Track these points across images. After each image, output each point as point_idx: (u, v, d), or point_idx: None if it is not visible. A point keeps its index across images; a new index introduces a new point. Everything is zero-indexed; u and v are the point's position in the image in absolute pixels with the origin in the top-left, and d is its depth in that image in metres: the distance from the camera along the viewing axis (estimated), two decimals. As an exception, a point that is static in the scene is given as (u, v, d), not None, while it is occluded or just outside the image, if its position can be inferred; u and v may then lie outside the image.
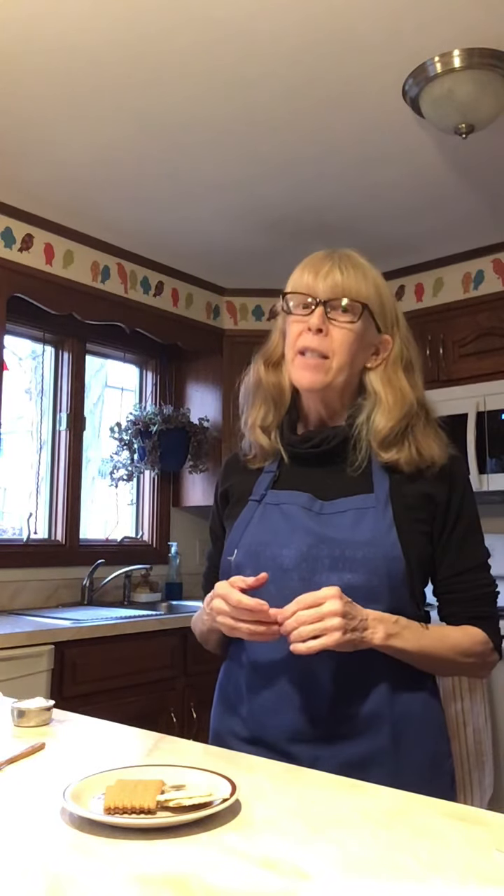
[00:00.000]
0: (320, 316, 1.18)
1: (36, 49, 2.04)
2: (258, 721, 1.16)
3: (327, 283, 1.18)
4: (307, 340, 1.19)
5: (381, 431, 1.18)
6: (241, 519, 1.23)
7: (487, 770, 1.75)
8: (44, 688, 2.41)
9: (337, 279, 1.18)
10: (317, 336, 1.18)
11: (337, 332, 1.18)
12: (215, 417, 3.75)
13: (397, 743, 1.12)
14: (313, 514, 1.18)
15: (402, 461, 1.18)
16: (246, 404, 1.31)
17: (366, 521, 1.14)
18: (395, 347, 1.23)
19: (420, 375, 1.26)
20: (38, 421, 3.43)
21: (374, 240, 3.24)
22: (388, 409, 1.19)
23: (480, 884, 0.67)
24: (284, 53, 2.05)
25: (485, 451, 3.06)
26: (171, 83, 2.19)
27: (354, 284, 1.19)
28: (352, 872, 0.68)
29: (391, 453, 1.18)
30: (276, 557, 1.16)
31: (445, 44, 2.03)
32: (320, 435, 1.22)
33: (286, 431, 1.25)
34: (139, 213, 3.05)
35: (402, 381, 1.22)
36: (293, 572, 1.14)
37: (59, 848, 0.74)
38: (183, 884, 0.66)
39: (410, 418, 1.20)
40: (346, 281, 1.18)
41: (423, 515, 1.18)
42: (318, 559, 1.13)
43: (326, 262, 1.20)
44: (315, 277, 1.19)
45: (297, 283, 1.21)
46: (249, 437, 1.29)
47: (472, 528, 1.21)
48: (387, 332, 1.23)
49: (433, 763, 1.16)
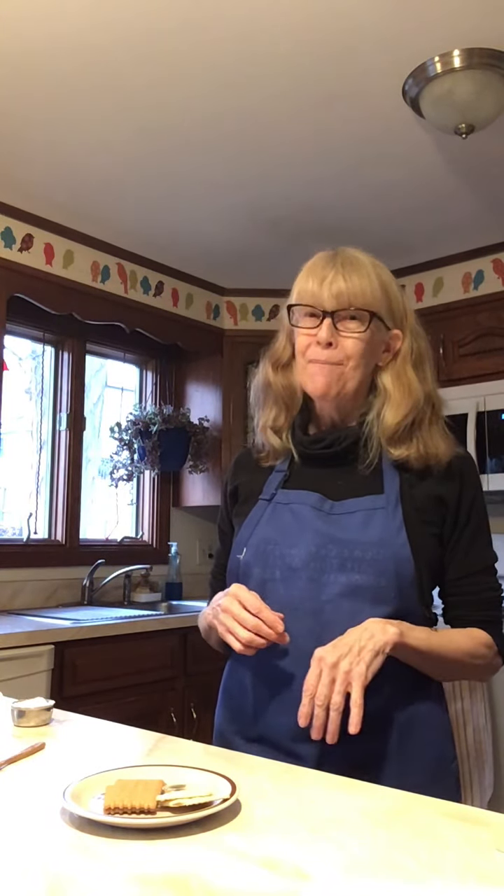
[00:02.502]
0: (329, 329, 1.16)
1: (36, 49, 2.04)
2: (263, 720, 1.15)
3: (332, 292, 1.16)
4: (317, 354, 1.18)
5: (390, 427, 1.18)
6: (250, 517, 1.23)
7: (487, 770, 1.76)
8: (44, 688, 2.41)
9: (342, 287, 1.16)
10: (326, 349, 1.17)
11: (347, 342, 1.17)
12: (215, 417, 3.75)
13: (403, 744, 1.12)
14: (323, 514, 1.17)
15: (412, 458, 1.18)
16: (257, 405, 1.31)
17: (375, 521, 1.14)
18: (404, 342, 1.23)
19: (431, 368, 1.25)
20: (38, 421, 3.43)
21: (374, 240, 3.24)
22: (397, 405, 1.19)
23: (480, 884, 0.67)
24: (284, 53, 2.05)
25: (485, 451, 3.06)
26: (171, 83, 2.19)
27: (360, 291, 1.17)
28: (352, 872, 0.68)
29: (401, 450, 1.18)
30: (284, 557, 1.16)
31: (445, 44, 2.03)
32: (332, 436, 1.22)
33: (297, 432, 1.25)
34: (139, 213, 3.05)
35: (411, 376, 1.21)
36: (301, 572, 1.14)
37: (59, 848, 0.74)
38: (183, 884, 0.66)
39: (417, 413, 1.20)
40: (352, 288, 1.16)
41: (433, 517, 1.18)
42: (326, 559, 1.13)
43: (329, 268, 1.18)
44: (320, 286, 1.17)
45: (303, 292, 1.19)
46: (261, 438, 1.29)
47: (482, 531, 1.21)
48: (396, 327, 1.22)
49: (438, 765, 1.16)
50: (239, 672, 1.22)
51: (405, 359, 1.22)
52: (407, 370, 1.22)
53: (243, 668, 1.21)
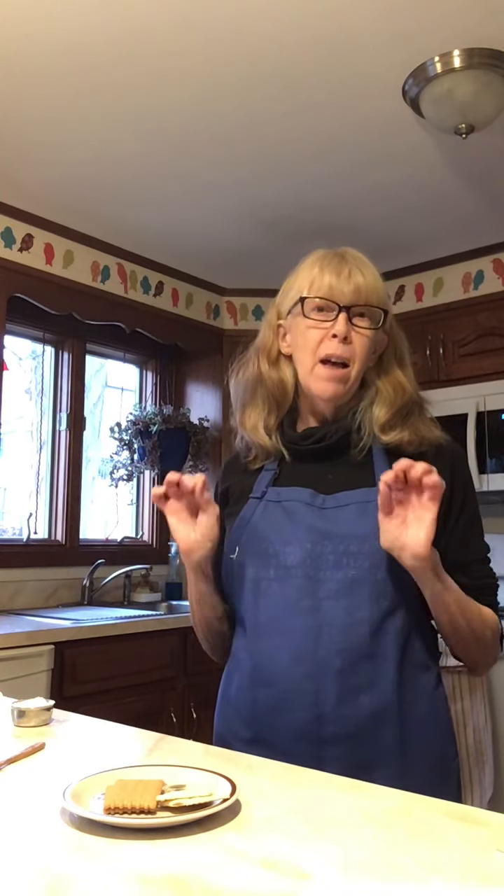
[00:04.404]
0: (345, 322, 1.15)
1: (36, 49, 2.04)
2: (262, 722, 1.15)
3: (350, 286, 1.15)
4: (333, 348, 1.16)
5: (382, 418, 1.19)
6: (241, 516, 1.23)
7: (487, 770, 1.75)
8: (44, 688, 2.41)
9: (359, 282, 1.16)
10: (342, 344, 1.16)
11: (357, 339, 1.17)
12: (215, 417, 3.75)
13: (404, 744, 1.11)
14: (315, 508, 1.17)
15: (405, 441, 1.18)
16: (241, 401, 1.29)
17: (368, 514, 1.13)
18: (390, 343, 1.24)
19: (411, 369, 1.27)
20: (38, 421, 3.43)
21: (374, 240, 3.24)
22: (389, 399, 1.20)
23: (481, 884, 0.67)
24: (284, 53, 2.05)
25: (485, 451, 3.06)
26: (171, 83, 2.19)
27: (374, 288, 1.17)
28: (352, 872, 0.68)
29: (392, 434, 1.19)
30: (278, 555, 1.15)
31: (445, 44, 2.03)
32: (321, 431, 1.22)
33: (287, 429, 1.25)
34: (139, 213, 3.05)
35: (400, 375, 1.23)
36: (297, 569, 1.14)
37: (59, 848, 0.73)
38: (183, 884, 0.66)
39: (410, 407, 1.21)
40: (368, 284, 1.16)
41: None
42: (322, 556, 1.13)
43: (344, 263, 1.18)
44: (337, 279, 1.16)
45: (319, 285, 1.17)
46: (251, 438, 1.27)
47: (475, 521, 1.21)
48: (384, 330, 1.23)
49: (439, 765, 1.15)
50: (236, 673, 1.22)
51: (390, 359, 1.24)
52: (394, 369, 1.23)
53: (241, 669, 1.20)
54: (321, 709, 1.10)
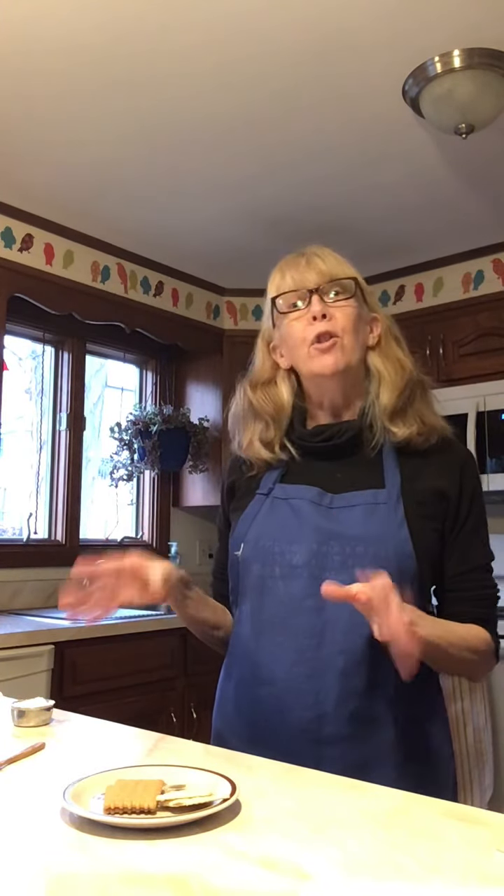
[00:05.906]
0: (320, 302, 1.19)
1: (36, 49, 2.04)
2: (261, 721, 1.15)
3: (312, 272, 1.21)
4: (317, 328, 1.19)
5: (388, 404, 1.20)
6: (247, 512, 1.22)
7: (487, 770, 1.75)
8: (44, 688, 2.41)
9: (320, 265, 1.21)
10: (323, 321, 1.19)
11: (338, 312, 1.20)
12: (215, 417, 3.75)
13: (402, 745, 1.11)
14: (322, 508, 1.17)
15: (414, 436, 1.19)
16: (237, 429, 1.30)
17: (376, 516, 1.14)
18: (383, 323, 1.26)
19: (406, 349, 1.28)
20: (38, 421, 3.43)
21: (375, 240, 3.24)
22: (392, 382, 1.21)
23: (481, 884, 0.67)
24: (284, 53, 2.05)
25: (485, 451, 3.06)
26: (171, 83, 2.19)
27: (337, 266, 1.22)
28: (352, 872, 0.68)
29: (402, 428, 1.19)
30: (284, 554, 1.15)
31: (445, 44, 2.03)
32: (331, 429, 1.22)
33: (297, 425, 1.25)
34: (139, 213, 3.05)
35: (399, 353, 1.25)
36: (302, 569, 1.13)
37: (59, 848, 0.73)
38: (183, 884, 0.66)
39: (413, 387, 1.22)
40: (329, 264, 1.22)
41: (435, 512, 1.17)
42: (327, 556, 1.13)
43: (301, 257, 1.24)
44: (298, 271, 1.22)
45: (282, 283, 1.23)
46: (247, 455, 1.27)
47: (480, 527, 1.21)
48: (372, 311, 1.26)
49: (438, 765, 1.15)
50: (235, 672, 1.22)
51: (388, 338, 1.26)
52: (392, 347, 1.25)
53: (240, 667, 1.20)
54: (322, 709, 1.10)
